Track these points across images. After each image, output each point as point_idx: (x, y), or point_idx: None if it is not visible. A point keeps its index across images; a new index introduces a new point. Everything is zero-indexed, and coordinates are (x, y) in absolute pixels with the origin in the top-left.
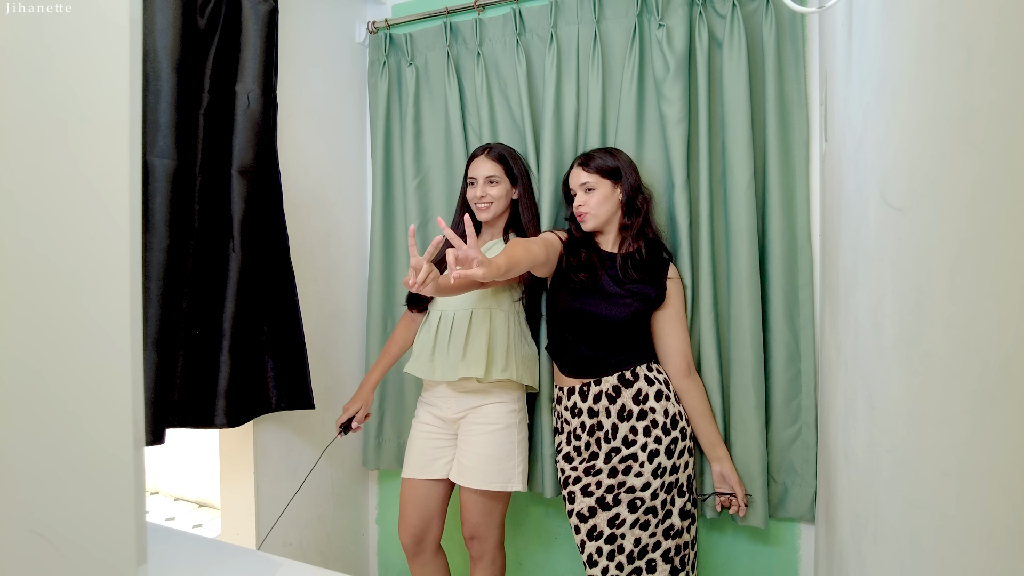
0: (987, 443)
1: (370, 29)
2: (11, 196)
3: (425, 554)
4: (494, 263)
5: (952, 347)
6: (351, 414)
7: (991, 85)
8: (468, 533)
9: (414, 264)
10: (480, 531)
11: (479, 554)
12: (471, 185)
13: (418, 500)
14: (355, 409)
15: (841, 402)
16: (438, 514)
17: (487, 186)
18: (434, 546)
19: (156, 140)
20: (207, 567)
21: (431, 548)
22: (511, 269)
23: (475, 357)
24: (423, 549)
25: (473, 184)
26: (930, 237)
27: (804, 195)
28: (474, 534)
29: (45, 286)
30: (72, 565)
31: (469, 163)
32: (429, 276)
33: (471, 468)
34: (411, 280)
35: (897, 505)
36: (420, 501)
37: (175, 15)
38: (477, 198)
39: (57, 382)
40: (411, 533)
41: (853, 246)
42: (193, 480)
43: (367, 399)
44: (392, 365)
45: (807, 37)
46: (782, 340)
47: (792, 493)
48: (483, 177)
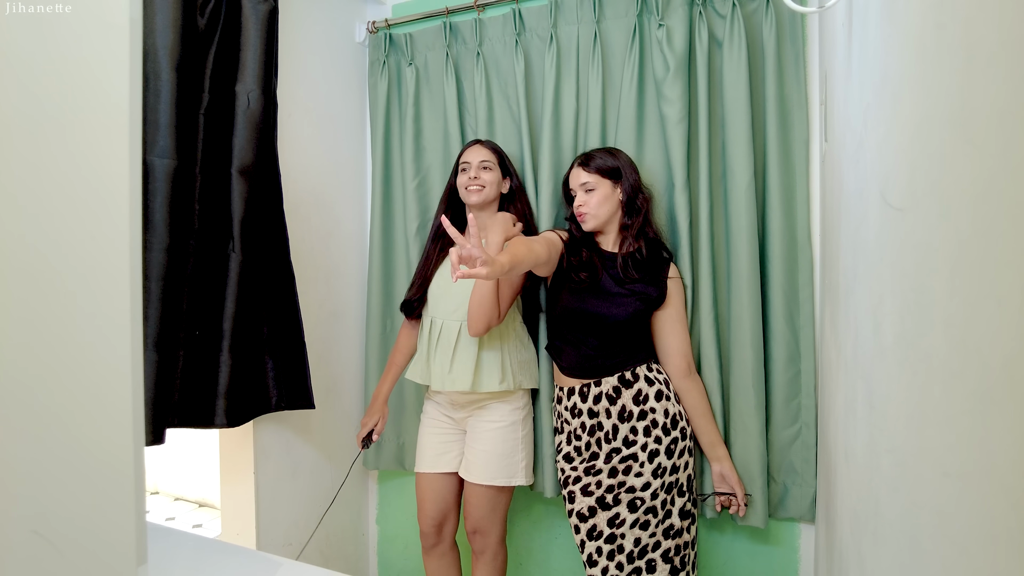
0: (987, 443)
1: (370, 29)
2: (11, 196)
3: (443, 544)
4: (498, 262)
5: (952, 347)
6: (370, 428)
7: (991, 85)
8: (471, 527)
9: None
10: (483, 525)
11: (481, 548)
12: (463, 171)
13: (434, 492)
14: (372, 423)
15: (841, 402)
16: (453, 507)
17: (480, 170)
18: (451, 538)
19: (156, 140)
20: (207, 567)
21: (449, 539)
22: (514, 268)
23: (462, 370)
24: (442, 539)
25: (465, 169)
26: (930, 237)
27: (804, 195)
28: (477, 528)
29: (45, 286)
30: (72, 565)
31: (461, 154)
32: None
33: (477, 464)
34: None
35: (897, 505)
36: (436, 493)
37: (175, 15)
38: (469, 180)
39: (57, 382)
40: (431, 523)
41: (853, 246)
42: (193, 480)
43: (382, 412)
44: (400, 374)
45: (807, 37)
46: (782, 340)
47: (792, 493)
48: (477, 161)
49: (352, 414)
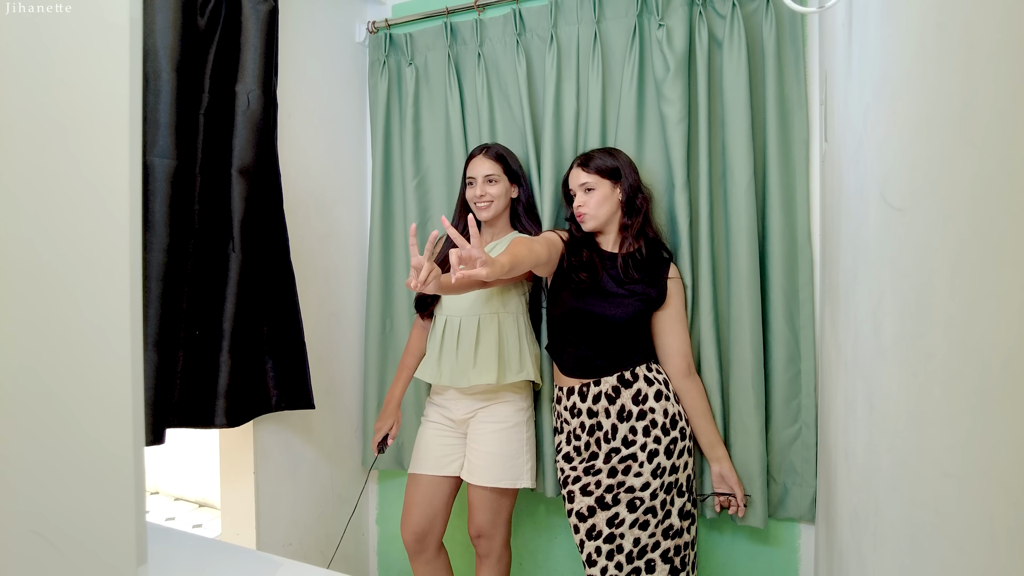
0: (987, 443)
1: (370, 29)
2: (11, 196)
3: (428, 552)
4: (498, 262)
5: (952, 347)
6: (384, 432)
7: (991, 85)
8: (475, 531)
9: (415, 263)
10: (487, 529)
11: (486, 552)
12: (470, 185)
13: (424, 497)
14: (387, 427)
15: (841, 402)
16: (443, 511)
17: (486, 185)
18: (436, 544)
19: (156, 140)
20: (207, 567)
21: (433, 546)
22: (514, 268)
23: (486, 363)
24: (425, 547)
25: (472, 184)
26: (930, 237)
27: (804, 195)
28: (481, 532)
29: (45, 286)
30: (72, 565)
31: (467, 163)
32: (431, 275)
33: (480, 466)
34: (412, 281)
35: (897, 505)
36: (425, 498)
37: (175, 15)
38: (477, 197)
39: (57, 382)
40: (413, 531)
41: (853, 246)
42: (193, 480)
43: (396, 416)
44: (412, 377)
45: (807, 37)
46: (782, 340)
47: (792, 493)
48: (482, 176)
49: (352, 414)
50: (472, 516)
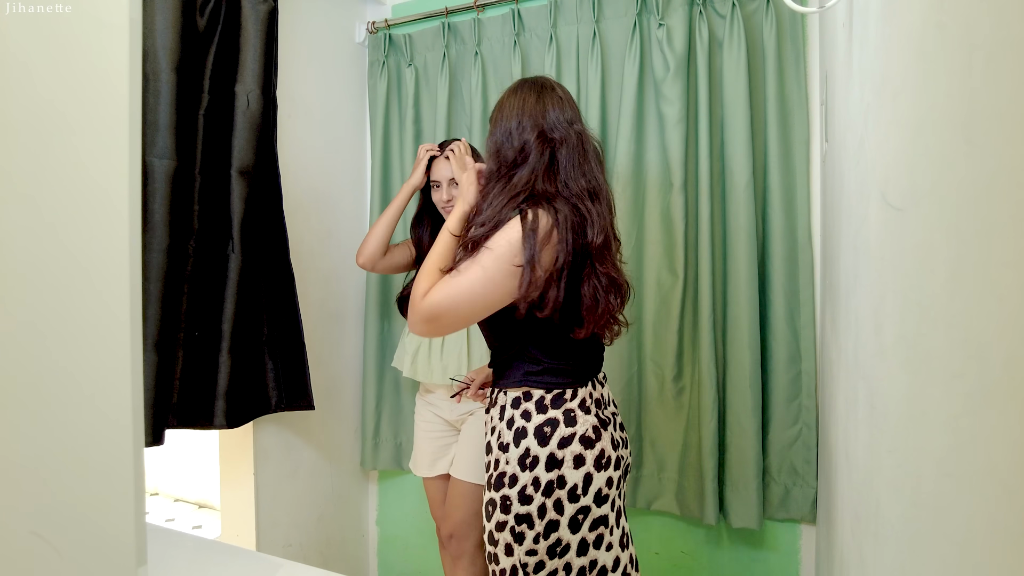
0: (987, 443)
1: (370, 29)
2: (11, 196)
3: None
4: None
5: (952, 347)
6: None
7: (991, 85)
8: (447, 531)
9: None
10: (461, 529)
11: (458, 553)
12: (435, 188)
13: (435, 499)
14: None
15: (842, 402)
16: None
17: (452, 187)
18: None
19: (156, 140)
20: (207, 568)
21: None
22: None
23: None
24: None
25: (437, 187)
26: (930, 237)
27: (805, 195)
28: (453, 532)
29: (45, 286)
30: (72, 565)
31: (429, 167)
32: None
33: (464, 459)
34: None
35: (898, 505)
36: (436, 500)
37: (175, 15)
38: (444, 202)
39: (57, 383)
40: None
41: (854, 246)
42: (193, 481)
43: None
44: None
45: (807, 37)
46: (783, 341)
47: (793, 494)
48: (446, 179)
49: (352, 415)
50: (448, 513)
